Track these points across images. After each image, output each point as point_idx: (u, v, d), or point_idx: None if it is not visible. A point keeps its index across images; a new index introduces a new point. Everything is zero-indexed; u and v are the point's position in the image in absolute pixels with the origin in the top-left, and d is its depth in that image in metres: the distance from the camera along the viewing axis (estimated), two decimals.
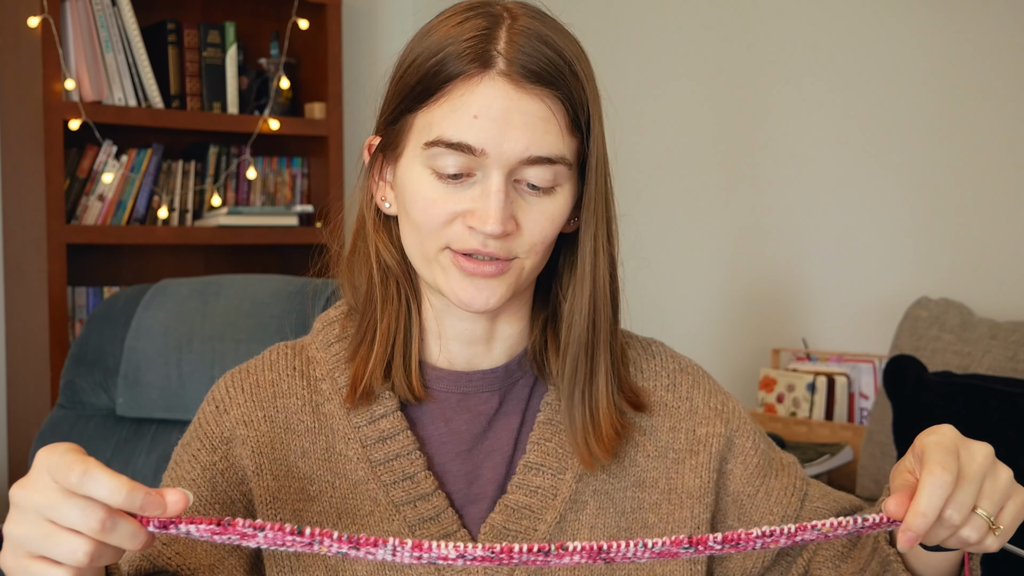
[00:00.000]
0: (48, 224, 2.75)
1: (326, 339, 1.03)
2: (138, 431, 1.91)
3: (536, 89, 0.90)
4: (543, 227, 0.93)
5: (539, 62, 0.90)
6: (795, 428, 2.39)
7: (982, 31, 2.23)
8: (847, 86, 2.46)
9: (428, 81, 0.92)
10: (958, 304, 2.07)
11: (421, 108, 0.92)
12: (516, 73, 0.89)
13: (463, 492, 0.98)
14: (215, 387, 1.04)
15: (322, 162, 3.23)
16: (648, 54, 2.90)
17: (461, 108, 0.89)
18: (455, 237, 0.92)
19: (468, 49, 0.90)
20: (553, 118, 0.91)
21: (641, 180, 2.89)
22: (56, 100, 2.74)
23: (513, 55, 0.90)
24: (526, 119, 0.90)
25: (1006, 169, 2.20)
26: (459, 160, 0.90)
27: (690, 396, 1.05)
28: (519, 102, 0.89)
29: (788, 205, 2.58)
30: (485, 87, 0.89)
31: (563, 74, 0.92)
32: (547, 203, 0.93)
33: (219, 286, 1.97)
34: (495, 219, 0.89)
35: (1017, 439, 1.64)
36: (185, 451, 1.01)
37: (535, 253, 0.94)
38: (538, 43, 0.91)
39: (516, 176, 0.91)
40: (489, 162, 0.90)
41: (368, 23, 3.60)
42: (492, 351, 1.01)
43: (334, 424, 0.99)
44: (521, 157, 0.90)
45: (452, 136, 0.89)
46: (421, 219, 0.93)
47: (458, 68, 0.90)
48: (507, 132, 0.89)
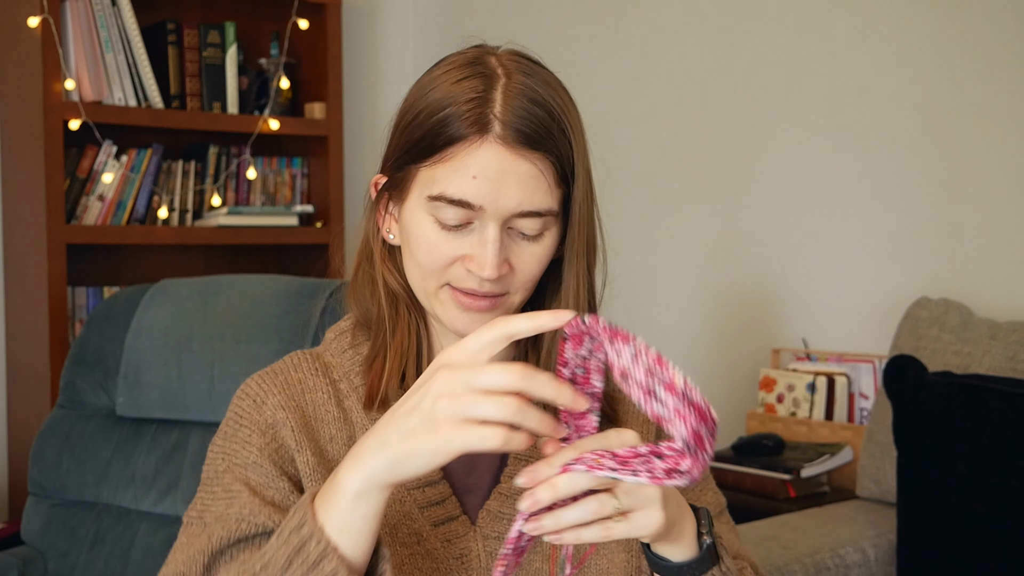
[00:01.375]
0: (48, 224, 2.75)
1: (339, 347, 1.14)
2: (138, 431, 1.91)
3: (528, 152, 1.01)
4: (532, 267, 1.05)
5: (531, 124, 1.01)
6: (795, 428, 2.39)
7: (982, 31, 2.23)
8: (848, 85, 2.46)
9: (431, 139, 1.02)
10: (958, 304, 2.07)
11: (425, 163, 1.03)
12: (510, 137, 1.00)
13: (462, 482, 1.09)
14: (245, 386, 1.12)
15: (322, 162, 3.23)
16: (642, 56, 2.90)
17: (462, 169, 1.00)
18: (455, 276, 1.04)
19: (467, 112, 1.01)
20: (543, 176, 1.02)
21: (641, 178, 2.89)
22: (56, 100, 2.74)
23: (507, 118, 1.00)
24: (519, 179, 1.01)
25: (1006, 169, 2.20)
26: (459, 213, 1.01)
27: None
28: (513, 163, 1.00)
29: (789, 205, 2.58)
30: (484, 151, 1.00)
31: (552, 133, 1.02)
32: (536, 247, 1.05)
33: (219, 286, 1.97)
34: (492, 265, 1.01)
35: (1017, 439, 1.64)
36: (233, 443, 1.08)
37: (524, 289, 1.06)
38: (530, 104, 1.02)
39: (509, 225, 1.03)
40: (486, 216, 1.01)
41: (368, 23, 3.60)
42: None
43: (354, 417, 1.09)
44: (514, 211, 1.01)
45: (454, 194, 1.01)
46: (424, 260, 1.04)
47: (459, 131, 1.01)
48: (502, 191, 1.00)
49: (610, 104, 2.99)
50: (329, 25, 3.18)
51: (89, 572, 1.84)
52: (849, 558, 1.86)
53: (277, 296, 1.92)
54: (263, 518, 1.00)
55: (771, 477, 2.20)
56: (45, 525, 1.90)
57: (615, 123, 2.97)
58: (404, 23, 3.67)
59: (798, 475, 2.19)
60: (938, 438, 1.72)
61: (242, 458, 1.06)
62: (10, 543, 2.22)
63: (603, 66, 3.01)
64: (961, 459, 1.69)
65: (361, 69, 3.56)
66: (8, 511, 3.00)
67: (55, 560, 1.87)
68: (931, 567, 1.71)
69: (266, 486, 1.03)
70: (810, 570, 1.80)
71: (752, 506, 2.18)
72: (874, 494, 2.07)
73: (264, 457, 1.05)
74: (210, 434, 1.87)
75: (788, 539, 1.88)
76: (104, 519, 1.88)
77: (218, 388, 1.86)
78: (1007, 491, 1.63)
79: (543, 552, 1.07)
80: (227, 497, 1.04)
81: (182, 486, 1.85)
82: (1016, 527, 1.62)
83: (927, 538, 1.72)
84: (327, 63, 3.18)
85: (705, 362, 2.76)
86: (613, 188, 3.34)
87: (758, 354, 2.63)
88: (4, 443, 3.02)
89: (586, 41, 3.07)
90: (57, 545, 1.88)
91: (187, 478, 1.85)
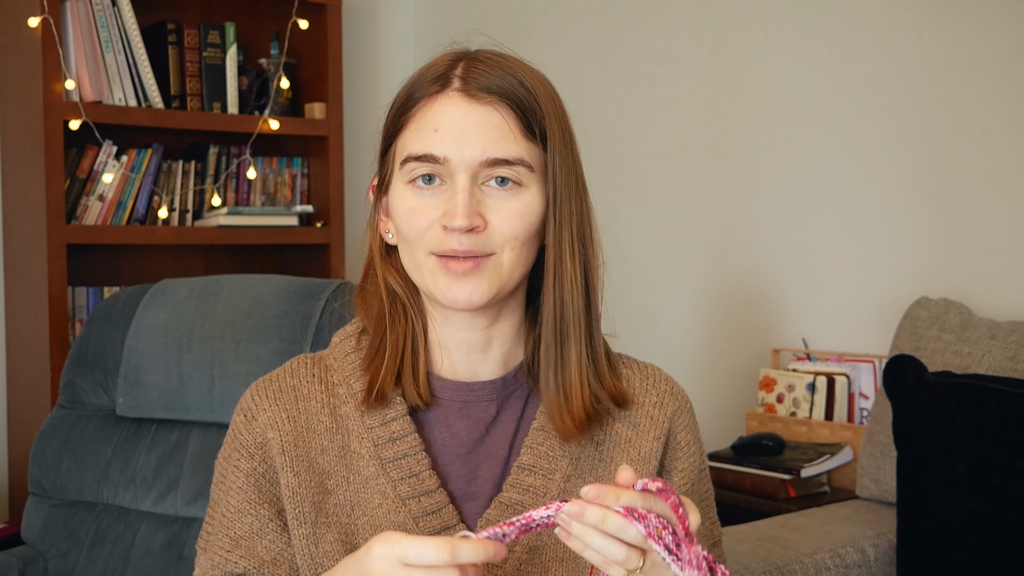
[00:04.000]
0: (48, 224, 2.75)
1: (343, 350, 1.15)
2: (138, 431, 1.91)
3: (488, 98, 1.03)
4: (511, 222, 1.04)
5: (490, 78, 1.04)
6: (795, 428, 2.39)
7: (983, 31, 2.23)
8: (848, 85, 2.46)
9: (399, 113, 1.07)
10: (958, 304, 2.07)
11: (398, 136, 1.07)
12: (469, 88, 1.04)
13: (463, 490, 1.10)
14: (243, 398, 1.15)
15: (322, 162, 3.23)
16: (641, 56, 2.90)
17: (425, 125, 1.04)
18: (434, 241, 1.04)
19: (432, 77, 1.06)
20: (506, 124, 1.04)
21: (641, 178, 2.89)
22: (56, 100, 2.74)
23: (467, 75, 1.04)
24: (481, 126, 1.03)
25: (1006, 169, 2.20)
26: (428, 169, 1.04)
27: (672, 419, 1.16)
28: (473, 112, 1.03)
29: (789, 205, 2.58)
30: (442, 103, 1.04)
31: (512, 87, 1.05)
32: (513, 201, 1.05)
33: (219, 286, 1.97)
34: (462, 213, 1.02)
35: (1017, 439, 1.64)
36: (227, 463, 1.13)
37: (510, 248, 1.05)
38: (492, 67, 1.06)
39: (481, 179, 1.04)
40: (453, 167, 1.03)
41: (368, 23, 3.60)
42: (489, 359, 1.13)
43: (349, 425, 1.11)
44: (480, 159, 1.03)
45: (419, 150, 1.04)
46: (407, 229, 1.06)
47: (421, 92, 1.06)
48: (465, 140, 1.02)
49: (610, 104, 2.99)
50: (329, 25, 3.18)
51: (89, 572, 1.84)
52: (849, 558, 1.86)
53: (277, 296, 1.92)
54: (230, 567, 1.07)
55: (771, 477, 2.20)
56: (45, 525, 1.90)
57: (615, 123, 2.97)
58: (404, 23, 3.67)
59: (798, 475, 2.19)
60: (938, 438, 1.72)
61: (230, 482, 1.10)
62: (10, 543, 2.23)
63: (602, 66, 3.01)
64: (961, 459, 1.68)
65: (361, 69, 3.56)
66: (8, 511, 3.00)
67: (55, 560, 1.87)
68: (931, 567, 1.71)
69: (244, 512, 1.08)
70: (810, 570, 1.80)
71: (752, 506, 2.18)
72: (874, 494, 2.07)
73: (250, 483, 1.09)
74: (210, 434, 1.87)
75: (788, 539, 1.88)
76: (104, 519, 1.88)
77: (218, 388, 1.86)
78: (1007, 491, 1.63)
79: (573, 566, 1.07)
80: (215, 531, 1.10)
81: (182, 486, 1.85)
82: (1016, 527, 1.62)
83: (927, 538, 1.72)
84: (327, 63, 3.18)
85: (705, 362, 2.76)
86: (613, 188, 3.35)
87: (758, 354, 2.64)
88: (4, 443, 3.02)
89: (586, 40, 3.07)
90: (57, 545, 1.88)
91: (187, 478, 1.85)
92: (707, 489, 1.19)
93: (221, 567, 1.06)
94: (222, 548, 1.07)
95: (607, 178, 2.93)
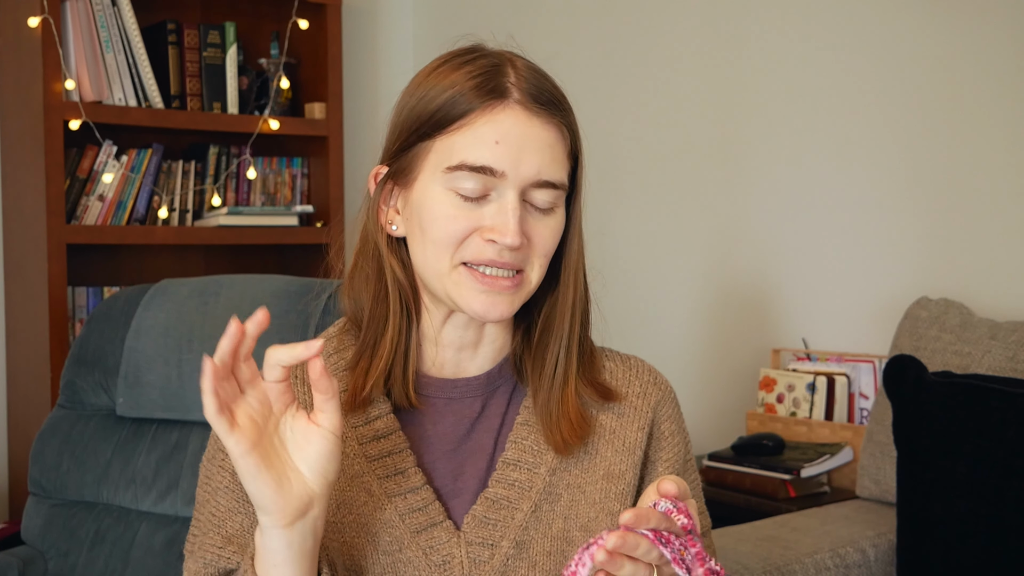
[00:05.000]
0: (48, 224, 2.75)
1: (325, 351, 1.14)
2: (138, 431, 1.91)
3: (547, 118, 1.03)
4: (548, 241, 1.05)
5: (544, 93, 1.03)
6: (795, 428, 2.39)
7: (982, 31, 2.23)
8: (847, 85, 2.46)
9: (446, 111, 1.02)
10: (958, 304, 2.07)
11: (439, 135, 1.03)
12: (530, 102, 1.02)
13: (449, 487, 1.09)
14: None
15: (322, 162, 3.23)
16: (641, 57, 2.90)
17: (484, 135, 1.01)
18: (472, 251, 1.03)
19: (483, 82, 1.02)
20: (560, 144, 1.04)
21: (641, 178, 2.89)
22: (56, 100, 2.74)
23: (524, 86, 1.02)
24: (539, 144, 1.02)
25: (1006, 169, 2.20)
26: (480, 181, 1.01)
27: (655, 409, 1.17)
28: (533, 128, 1.02)
29: (789, 205, 2.58)
30: (505, 115, 1.01)
31: (563, 104, 1.05)
32: (550, 220, 1.05)
33: (219, 286, 1.97)
34: (514, 232, 1.01)
35: (1017, 439, 1.64)
36: (212, 464, 1.12)
37: (540, 266, 1.06)
38: (540, 78, 1.05)
39: (525, 196, 1.03)
40: (506, 183, 1.01)
41: (368, 23, 3.60)
42: (478, 356, 1.13)
43: None
44: (533, 179, 1.02)
45: (475, 160, 1.01)
46: (440, 235, 1.03)
47: (476, 99, 1.01)
48: (523, 156, 1.01)
49: (610, 104, 2.99)
50: (329, 25, 3.18)
51: (89, 572, 1.84)
52: (849, 558, 1.86)
53: (277, 296, 1.92)
54: (223, 563, 1.05)
55: (771, 477, 2.20)
56: (45, 525, 1.90)
57: (615, 123, 2.97)
58: (404, 23, 3.67)
59: (798, 475, 2.19)
60: (938, 438, 1.72)
61: (216, 482, 1.09)
62: (10, 543, 2.23)
63: (602, 66, 3.01)
64: (961, 459, 1.68)
65: (361, 69, 3.56)
66: (8, 511, 3.00)
67: (55, 560, 1.87)
68: (931, 567, 1.71)
69: (234, 511, 1.07)
70: (810, 570, 1.80)
71: (752, 506, 2.18)
72: (874, 494, 2.07)
73: (237, 482, 1.07)
74: (210, 434, 1.87)
75: (788, 539, 1.88)
76: (104, 519, 1.88)
77: None
78: (1007, 491, 1.63)
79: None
80: (204, 532, 1.09)
81: (182, 486, 1.85)
82: (1016, 527, 1.62)
83: (927, 538, 1.72)
84: (327, 63, 3.18)
85: (705, 362, 2.76)
86: (613, 188, 3.35)
87: (758, 354, 2.63)
88: (4, 443, 3.02)
89: (586, 40, 3.07)
90: (57, 545, 1.88)
91: (187, 478, 1.85)
92: (694, 479, 1.19)
93: (214, 564, 1.05)
94: (214, 545, 1.06)
95: (607, 178, 2.93)
